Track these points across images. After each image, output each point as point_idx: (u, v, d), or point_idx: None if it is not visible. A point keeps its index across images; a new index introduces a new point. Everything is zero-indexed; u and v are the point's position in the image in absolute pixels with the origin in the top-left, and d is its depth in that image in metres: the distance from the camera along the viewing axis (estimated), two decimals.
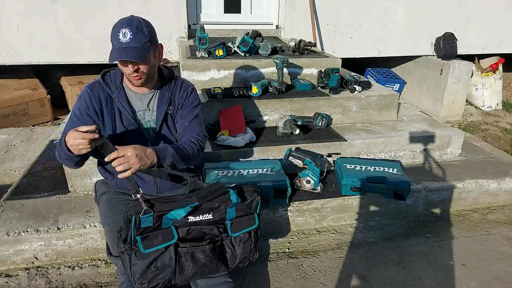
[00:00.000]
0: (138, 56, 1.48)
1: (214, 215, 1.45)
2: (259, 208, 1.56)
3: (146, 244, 1.34)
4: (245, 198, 1.52)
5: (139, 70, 1.53)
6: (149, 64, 1.55)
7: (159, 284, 1.39)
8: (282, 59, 2.75)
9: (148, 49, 1.52)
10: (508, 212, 2.63)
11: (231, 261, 1.51)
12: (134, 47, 1.47)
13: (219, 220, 1.47)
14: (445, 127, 3.08)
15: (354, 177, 2.32)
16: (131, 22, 1.49)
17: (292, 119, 2.68)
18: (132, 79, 1.56)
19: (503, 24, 4.49)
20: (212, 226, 1.46)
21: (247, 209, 1.53)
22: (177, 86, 1.73)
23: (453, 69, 4.09)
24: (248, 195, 1.54)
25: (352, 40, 4.07)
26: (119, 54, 1.47)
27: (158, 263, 1.37)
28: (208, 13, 3.85)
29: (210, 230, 1.46)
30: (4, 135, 3.26)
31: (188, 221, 1.41)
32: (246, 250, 1.53)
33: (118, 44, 1.48)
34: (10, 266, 1.99)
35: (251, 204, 1.54)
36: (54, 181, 2.41)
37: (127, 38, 1.46)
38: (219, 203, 1.45)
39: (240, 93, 2.82)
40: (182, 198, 1.41)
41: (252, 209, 1.55)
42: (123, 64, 1.52)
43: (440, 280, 1.96)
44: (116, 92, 1.63)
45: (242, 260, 1.53)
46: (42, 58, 3.44)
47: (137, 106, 1.67)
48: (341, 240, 2.27)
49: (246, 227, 1.53)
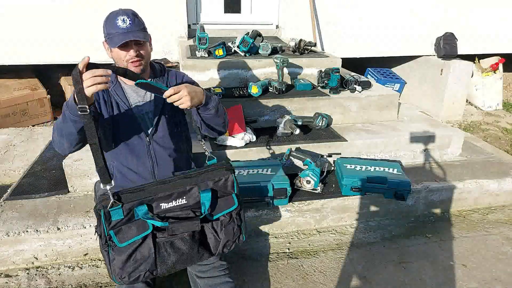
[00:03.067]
0: (142, 36, 1.51)
1: (188, 199, 1.38)
2: (236, 187, 1.48)
3: (120, 238, 1.29)
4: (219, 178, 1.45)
5: (140, 54, 1.55)
6: (148, 49, 1.59)
7: (140, 276, 1.34)
8: (282, 59, 2.75)
9: (146, 33, 1.56)
10: (508, 212, 2.63)
11: (214, 246, 1.46)
12: (135, 30, 1.50)
13: (194, 205, 1.40)
14: (446, 127, 3.08)
15: (354, 177, 2.31)
16: (126, 11, 1.53)
17: (292, 119, 2.68)
18: (132, 65, 1.56)
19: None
20: (187, 211, 1.39)
21: (223, 190, 1.46)
22: (171, 76, 1.76)
23: (453, 69, 4.09)
24: (219, 174, 1.45)
25: (352, 40, 4.06)
26: (124, 37, 1.48)
27: (137, 256, 1.32)
28: (208, 13, 3.85)
29: (186, 215, 1.38)
30: (4, 135, 3.26)
31: (161, 208, 1.35)
32: (229, 233, 1.47)
33: (118, 30, 1.49)
34: (10, 266, 1.98)
35: (226, 184, 1.46)
36: (54, 181, 2.41)
37: (126, 23, 1.49)
38: (190, 186, 1.39)
39: (240, 93, 2.81)
40: (150, 186, 1.36)
41: (228, 189, 1.47)
42: (125, 49, 1.52)
43: (440, 280, 1.96)
44: (112, 86, 1.63)
45: (226, 244, 1.47)
46: (42, 58, 3.44)
47: (133, 98, 1.68)
48: (341, 240, 2.27)
49: (225, 209, 1.46)
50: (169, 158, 1.75)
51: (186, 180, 1.40)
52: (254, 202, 2.18)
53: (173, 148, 1.75)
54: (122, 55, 1.54)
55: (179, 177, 1.42)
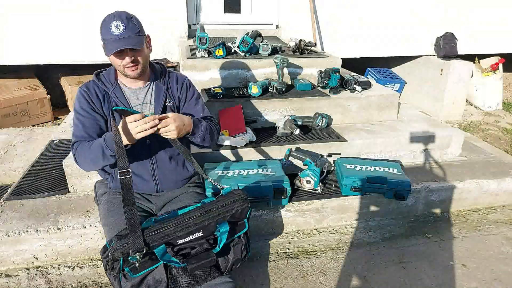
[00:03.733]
0: (136, 43, 1.50)
1: (204, 232, 1.41)
2: (249, 213, 1.53)
3: (135, 271, 1.31)
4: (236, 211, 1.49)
5: (136, 60, 1.54)
6: (144, 53, 1.58)
7: None
8: (282, 59, 2.75)
9: (141, 38, 1.54)
10: (508, 212, 2.63)
11: (224, 265, 1.48)
12: (129, 36, 1.49)
13: (208, 235, 1.43)
14: (445, 127, 3.08)
15: (354, 177, 2.31)
16: (120, 15, 1.50)
17: (292, 119, 2.68)
18: (128, 70, 1.56)
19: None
20: (202, 240, 1.42)
21: (238, 218, 1.50)
22: (172, 79, 1.75)
23: (453, 69, 4.09)
24: (236, 206, 1.49)
25: (352, 40, 4.07)
26: (117, 44, 1.47)
27: (150, 281, 1.34)
28: (208, 13, 3.85)
29: (200, 245, 1.41)
30: (4, 135, 3.26)
31: (177, 243, 1.37)
32: (237, 253, 1.50)
33: (112, 37, 1.47)
34: (10, 266, 1.98)
35: (242, 213, 1.50)
36: (54, 181, 2.41)
37: (120, 29, 1.47)
38: (209, 221, 1.41)
39: (240, 93, 2.81)
40: (169, 225, 1.37)
41: (243, 216, 1.51)
42: (119, 56, 1.52)
43: (440, 280, 1.96)
44: (112, 89, 1.63)
45: (235, 262, 1.50)
46: (42, 58, 3.44)
47: (134, 101, 1.67)
48: (341, 240, 2.27)
49: (237, 233, 1.51)
50: (169, 160, 1.75)
51: (205, 216, 1.42)
52: (254, 202, 2.17)
53: (173, 150, 1.75)
54: (117, 62, 1.54)
55: (196, 214, 1.42)
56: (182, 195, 1.77)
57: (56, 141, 2.88)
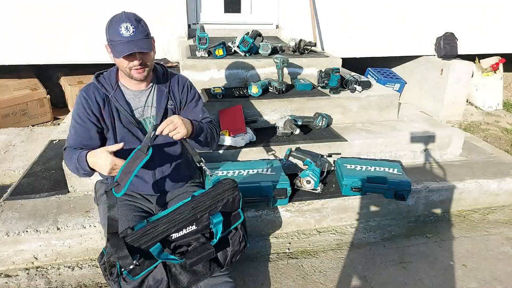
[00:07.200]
0: (146, 47, 1.49)
1: (198, 225, 1.39)
2: (241, 202, 1.51)
3: (134, 274, 1.30)
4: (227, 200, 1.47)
5: (144, 62, 1.54)
6: (152, 56, 1.57)
7: None
8: (282, 59, 2.74)
9: (150, 41, 1.53)
10: (508, 212, 2.62)
11: (224, 259, 1.48)
12: (139, 39, 1.48)
13: (203, 228, 1.41)
14: (446, 127, 3.08)
15: (355, 177, 2.31)
16: (129, 16, 1.49)
17: (292, 119, 2.68)
18: (135, 73, 1.55)
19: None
20: (197, 235, 1.41)
21: (230, 208, 1.48)
22: (174, 81, 1.74)
23: (453, 69, 4.08)
24: (227, 195, 1.47)
25: (352, 40, 4.06)
26: (128, 47, 1.46)
27: (150, 282, 1.33)
28: (208, 13, 3.84)
29: (197, 239, 1.40)
30: (4, 135, 3.26)
31: (172, 239, 1.36)
32: (235, 244, 1.49)
33: (122, 39, 1.46)
34: (9, 266, 1.98)
35: (234, 202, 1.48)
36: (53, 181, 2.41)
37: (130, 31, 1.46)
38: (201, 214, 1.40)
39: (240, 93, 2.81)
40: (160, 223, 1.36)
41: (235, 206, 1.49)
42: (129, 58, 1.50)
43: (440, 281, 1.96)
44: (112, 92, 1.62)
45: (234, 254, 1.49)
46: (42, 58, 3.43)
47: (135, 103, 1.67)
48: (341, 240, 2.27)
49: (232, 224, 1.49)
50: (170, 161, 1.75)
51: (197, 209, 1.41)
52: (254, 202, 2.17)
53: (174, 152, 1.75)
54: (125, 64, 1.53)
55: (187, 208, 1.40)
56: (182, 195, 1.77)
57: (56, 141, 2.88)
